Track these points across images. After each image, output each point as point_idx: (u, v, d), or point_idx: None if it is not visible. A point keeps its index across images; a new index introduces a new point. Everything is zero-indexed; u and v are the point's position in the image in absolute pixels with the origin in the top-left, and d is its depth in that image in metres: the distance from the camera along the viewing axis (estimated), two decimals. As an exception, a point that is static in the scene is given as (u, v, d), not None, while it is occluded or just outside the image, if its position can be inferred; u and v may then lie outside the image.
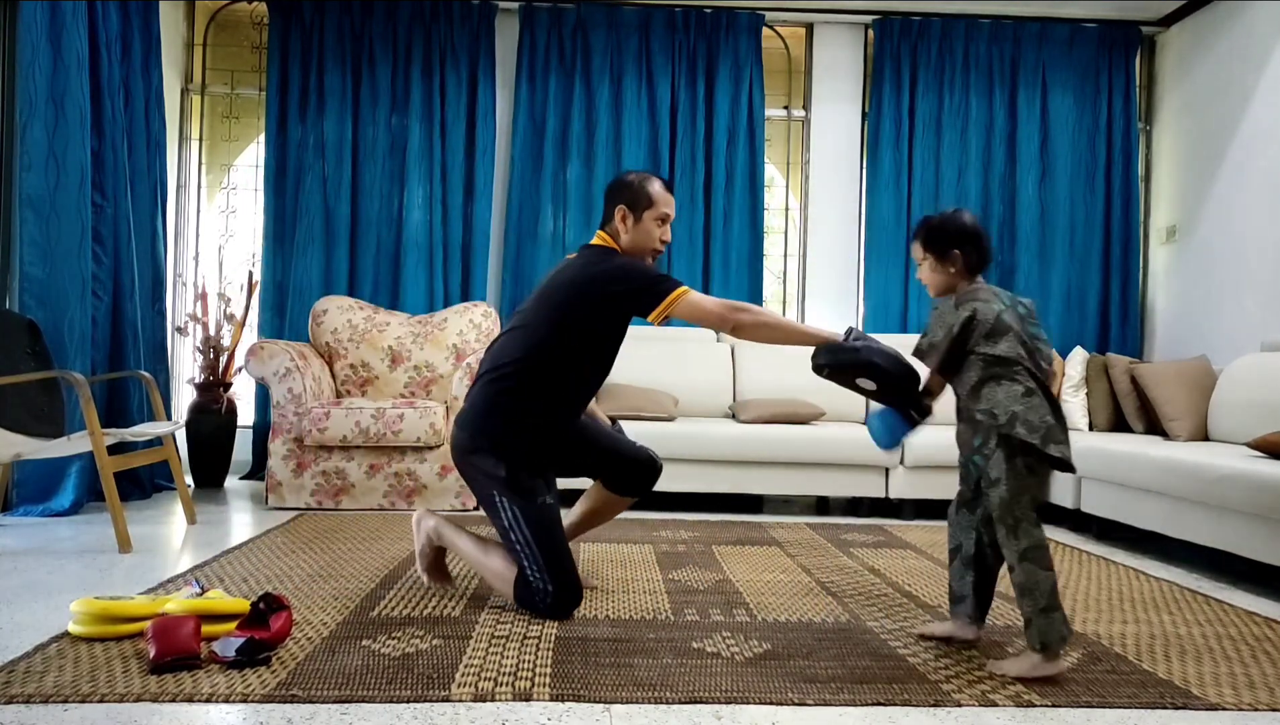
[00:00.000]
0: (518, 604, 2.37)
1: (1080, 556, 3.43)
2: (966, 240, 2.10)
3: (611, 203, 2.49)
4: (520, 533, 2.33)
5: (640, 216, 2.46)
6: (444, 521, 2.55)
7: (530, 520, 2.33)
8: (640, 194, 2.46)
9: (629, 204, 2.46)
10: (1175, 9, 5.05)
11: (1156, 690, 1.92)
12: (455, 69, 5.07)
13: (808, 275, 5.35)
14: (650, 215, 2.46)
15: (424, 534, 2.57)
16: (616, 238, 2.49)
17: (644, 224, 2.46)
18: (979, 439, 2.05)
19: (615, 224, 2.48)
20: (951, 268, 2.11)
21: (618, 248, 2.49)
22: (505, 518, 2.35)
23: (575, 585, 2.35)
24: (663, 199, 2.48)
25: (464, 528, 2.55)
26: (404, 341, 4.63)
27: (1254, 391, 3.79)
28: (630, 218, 2.46)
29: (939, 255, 2.12)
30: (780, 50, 5.41)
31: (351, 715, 1.67)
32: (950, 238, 2.10)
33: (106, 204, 3.99)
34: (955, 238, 2.10)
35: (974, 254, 2.10)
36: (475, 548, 2.48)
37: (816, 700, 1.81)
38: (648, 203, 2.46)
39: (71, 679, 1.79)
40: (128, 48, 4.20)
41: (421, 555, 2.58)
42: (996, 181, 5.21)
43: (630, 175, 2.51)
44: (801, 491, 4.23)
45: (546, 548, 2.32)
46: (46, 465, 3.67)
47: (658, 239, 2.48)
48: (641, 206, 2.46)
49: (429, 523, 2.56)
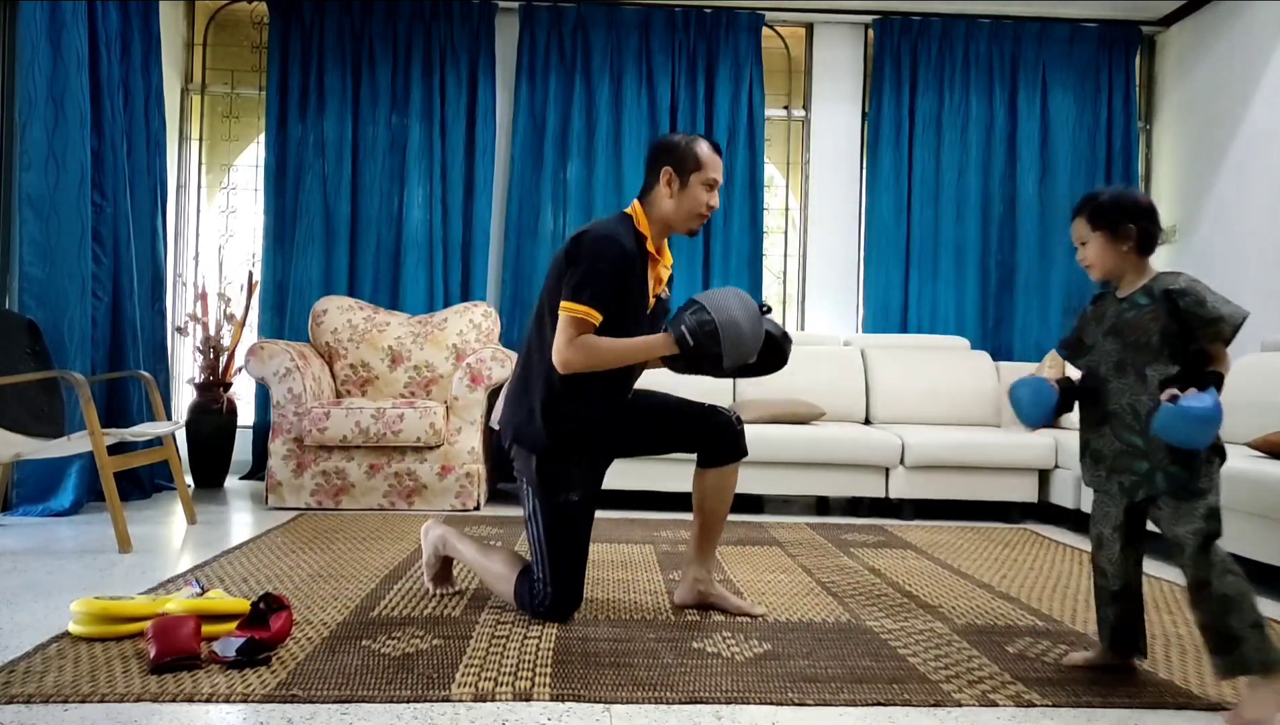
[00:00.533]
0: (516, 603, 2.34)
1: (1080, 556, 3.43)
2: (1142, 214, 1.91)
3: (656, 165, 2.33)
4: (536, 526, 2.29)
5: (687, 180, 2.31)
6: (450, 530, 2.52)
7: (548, 515, 2.27)
8: (688, 156, 2.30)
9: (676, 166, 2.30)
10: (1175, 9, 5.05)
11: (1156, 690, 1.92)
12: (455, 68, 5.07)
13: (808, 275, 5.35)
14: (698, 178, 2.31)
15: (431, 544, 2.54)
16: (655, 205, 2.34)
17: (691, 189, 2.31)
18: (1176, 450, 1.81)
19: (659, 188, 2.32)
20: (1125, 245, 1.92)
21: (645, 218, 2.34)
22: (527, 508, 2.32)
23: (576, 590, 2.31)
24: (711, 162, 2.32)
25: (467, 534, 2.53)
26: (404, 341, 4.63)
27: (1254, 391, 3.79)
28: (676, 181, 2.31)
29: (1110, 231, 1.92)
30: (780, 50, 5.41)
31: (351, 715, 1.67)
32: (1125, 211, 1.92)
33: (106, 204, 3.99)
34: (1130, 211, 1.92)
35: (1151, 230, 1.91)
36: (478, 552, 2.45)
37: (816, 700, 1.81)
38: (695, 165, 2.30)
39: (71, 679, 1.79)
40: (127, 47, 4.20)
41: (429, 565, 2.56)
42: (996, 181, 5.21)
43: (677, 136, 2.35)
44: (801, 491, 4.23)
45: (558, 547, 2.27)
46: (46, 465, 3.67)
47: (705, 204, 2.33)
48: (689, 169, 2.30)
49: (436, 532, 2.53)
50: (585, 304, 2.19)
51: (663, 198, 2.33)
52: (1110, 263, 1.95)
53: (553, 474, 2.29)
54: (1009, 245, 5.22)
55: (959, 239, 5.17)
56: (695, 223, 2.36)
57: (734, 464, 2.40)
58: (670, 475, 4.12)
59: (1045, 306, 5.19)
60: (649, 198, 2.36)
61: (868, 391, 4.81)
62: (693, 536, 2.47)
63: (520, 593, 2.32)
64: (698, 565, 2.47)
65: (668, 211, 2.34)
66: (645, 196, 2.37)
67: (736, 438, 2.38)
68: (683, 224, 2.36)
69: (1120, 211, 1.92)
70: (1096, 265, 1.97)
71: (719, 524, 2.45)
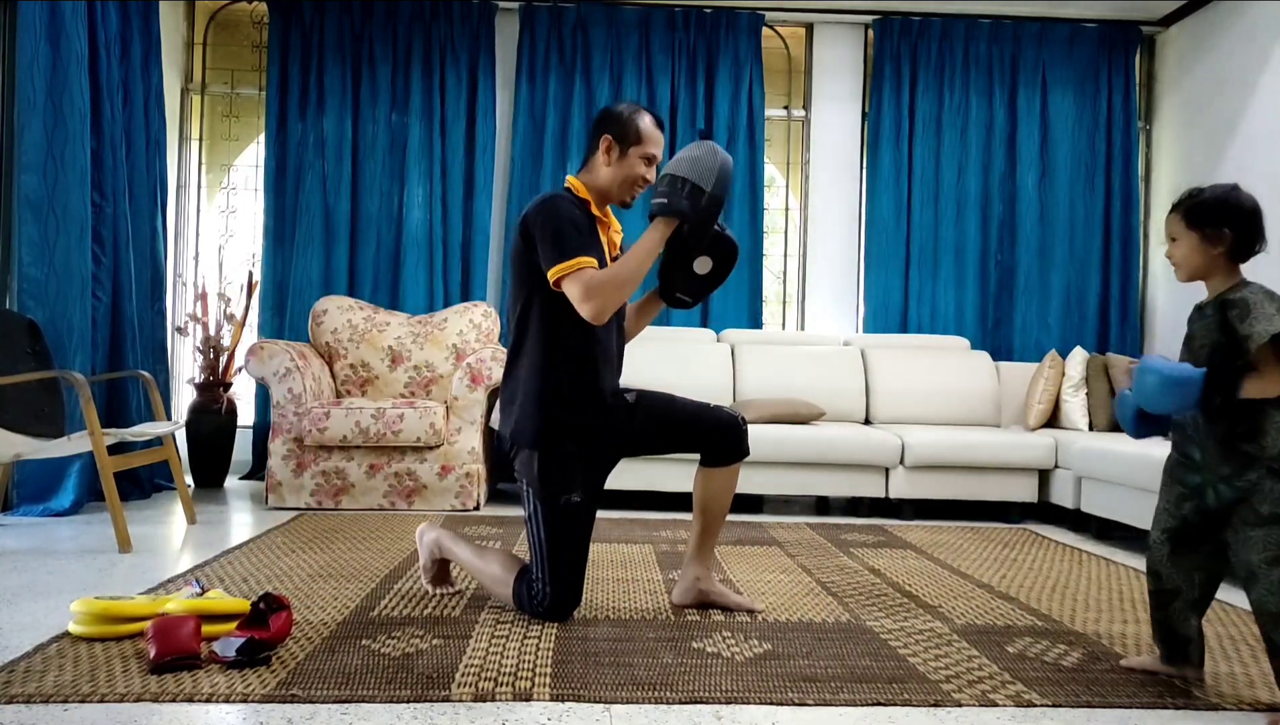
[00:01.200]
0: (514, 603, 2.34)
1: (1080, 556, 3.43)
2: (1242, 219, 1.83)
3: (597, 133, 2.34)
4: (537, 526, 2.28)
5: (626, 151, 2.32)
6: (445, 533, 2.52)
7: (548, 516, 2.26)
8: (629, 127, 2.31)
9: (617, 136, 2.32)
10: (1175, 9, 5.05)
11: (1156, 690, 1.92)
12: (455, 68, 5.07)
13: (808, 275, 5.35)
14: (637, 151, 2.32)
15: (426, 548, 2.54)
16: (593, 172, 2.36)
17: (629, 159, 2.32)
18: (1230, 468, 1.80)
19: (598, 156, 2.34)
20: (1217, 249, 1.84)
21: (583, 187, 2.35)
22: (527, 508, 2.31)
23: (574, 591, 2.30)
24: (652, 136, 2.33)
25: (463, 536, 2.52)
26: (404, 341, 4.63)
27: (1254, 391, 3.78)
28: (616, 150, 2.32)
29: (1204, 232, 1.85)
30: (780, 50, 5.41)
31: (351, 715, 1.67)
32: (1225, 213, 1.83)
33: (106, 204, 3.99)
34: (1231, 214, 1.83)
35: (1248, 237, 1.84)
36: (473, 554, 2.44)
37: (816, 700, 1.81)
38: (636, 137, 2.31)
39: (71, 679, 1.79)
40: (127, 47, 4.20)
41: (425, 569, 2.56)
42: (996, 181, 5.21)
43: (621, 106, 2.37)
44: (801, 491, 4.23)
45: (558, 547, 2.26)
46: (46, 465, 3.67)
47: (641, 176, 2.34)
48: (630, 141, 2.31)
49: (430, 535, 2.53)
50: (574, 256, 2.18)
51: (600, 166, 2.35)
52: (1197, 266, 1.88)
53: (554, 474, 2.27)
54: (1009, 245, 5.22)
55: (959, 239, 5.17)
56: (630, 194, 2.37)
57: (737, 464, 2.41)
58: (670, 475, 4.12)
59: (1045, 306, 5.19)
60: (588, 166, 2.38)
61: (868, 391, 4.81)
62: (693, 536, 2.47)
63: (519, 593, 2.32)
64: (697, 564, 2.48)
65: (604, 180, 2.35)
66: (584, 167, 2.39)
67: (740, 437, 2.39)
68: (618, 194, 2.37)
69: (1219, 212, 1.84)
70: (1182, 266, 1.90)
71: (719, 523, 2.46)
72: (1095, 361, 4.46)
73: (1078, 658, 2.13)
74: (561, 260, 2.17)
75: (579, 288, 2.16)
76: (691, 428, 2.38)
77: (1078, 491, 3.99)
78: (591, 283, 2.16)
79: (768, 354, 4.84)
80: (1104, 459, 3.70)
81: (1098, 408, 4.42)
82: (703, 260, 2.37)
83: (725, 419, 2.38)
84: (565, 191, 2.36)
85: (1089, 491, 3.88)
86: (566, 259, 2.17)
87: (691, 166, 2.22)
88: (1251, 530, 1.76)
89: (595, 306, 2.17)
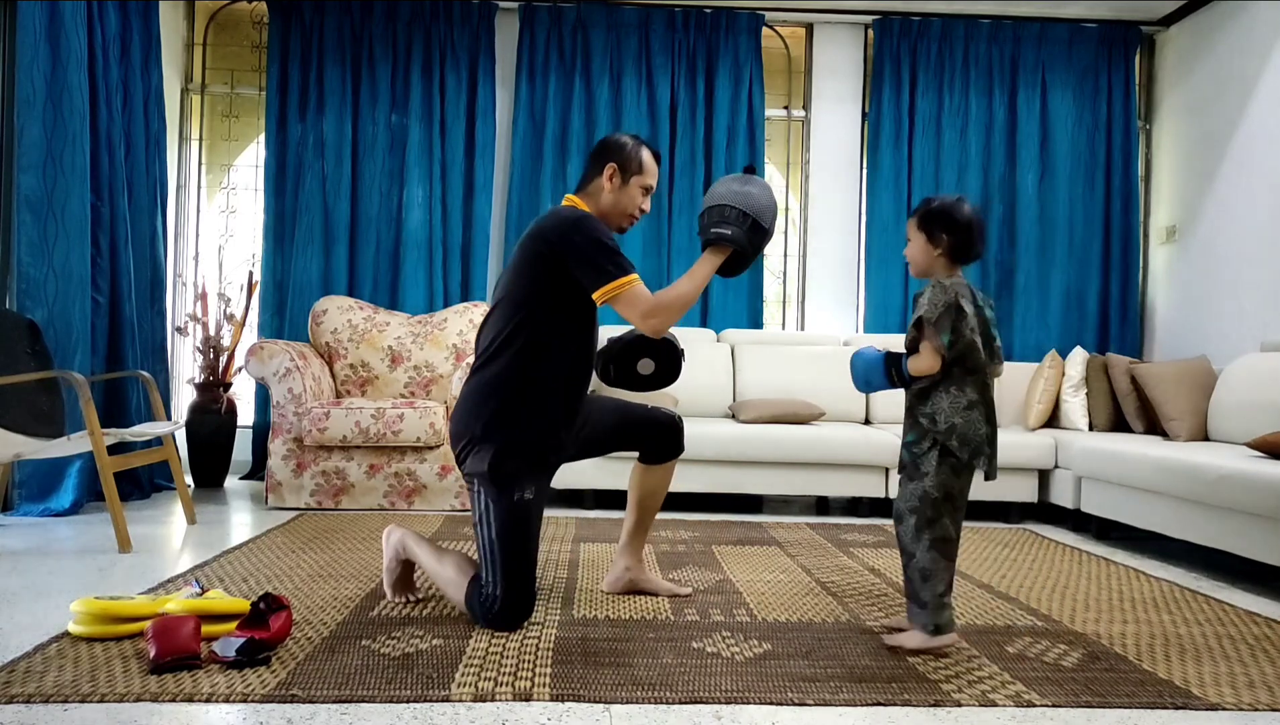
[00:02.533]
0: (467, 610, 2.27)
1: (1080, 556, 3.43)
2: (957, 228, 2.14)
3: (600, 160, 2.41)
4: (486, 528, 2.22)
5: (628, 180, 2.40)
6: (408, 533, 2.46)
7: (502, 514, 2.21)
8: (633, 158, 2.41)
9: (621, 165, 2.39)
10: (1175, 9, 5.05)
11: (1156, 690, 1.92)
12: (455, 68, 5.07)
13: (808, 275, 5.35)
14: (638, 181, 2.41)
15: (391, 548, 2.48)
16: (594, 197, 2.41)
17: (630, 189, 2.40)
18: (913, 436, 2.16)
19: (600, 181, 2.40)
20: (936, 250, 2.16)
21: (588, 209, 2.39)
22: (478, 510, 2.25)
23: (527, 595, 2.24)
24: (651, 170, 2.44)
25: (425, 539, 2.46)
26: (404, 341, 4.63)
27: (1254, 391, 3.79)
28: (619, 178, 2.39)
29: (928, 236, 2.17)
30: (780, 50, 5.41)
31: (351, 715, 1.67)
32: (943, 222, 2.15)
33: (105, 204, 3.99)
34: (947, 223, 2.15)
35: (962, 244, 2.15)
36: (432, 557, 2.38)
37: (816, 700, 1.81)
38: (638, 168, 2.41)
39: (71, 679, 1.79)
40: (127, 47, 4.20)
41: (389, 570, 2.49)
42: (996, 181, 5.21)
43: (624, 137, 2.45)
44: (801, 491, 4.23)
45: (508, 548, 2.20)
46: (46, 465, 3.67)
47: (638, 206, 2.43)
48: (632, 171, 2.40)
49: (396, 535, 2.47)
50: (623, 275, 2.24)
51: (604, 191, 2.41)
52: (922, 264, 2.20)
53: (508, 472, 2.23)
54: (1009, 245, 5.22)
55: (959, 239, 5.16)
56: (627, 222, 2.45)
57: (673, 461, 2.57)
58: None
59: (1045, 306, 5.19)
60: (588, 189, 2.43)
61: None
62: (627, 527, 2.61)
63: (470, 599, 2.25)
64: (629, 555, 2.63)
65: (606, 205, 2.41)
66: (584, 189, 2.45)
67: (678, 436, 2.55)
68: (615, 220, 2.43)
69: (939, 220, 2.16)
70: (912, 262, 2.23)
71: (653, 516, 2.63)
72: (1095, 361, 4.47)
73: (1078, 658, 2.14)
74: (613, 278, 2.24)
75: (642, 306, 2.25)
76: (634, 428, 2.53)
77: (1078, 491, 3.99)
78: (659, 302, 2.27)
79: (768, 354, 4.84)
80: (1104, 459, 3.70)
81: (1098, 408, 4.42)
82: (645, 362, 2.53)
83: (664, 419, 2.53)
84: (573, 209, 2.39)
85: (1089, 491, 3.88)
86: (617, 277, 2.24)
87: (750, 202, 2.32)
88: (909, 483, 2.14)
89: (659, 322, 2.27)
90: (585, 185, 2.45)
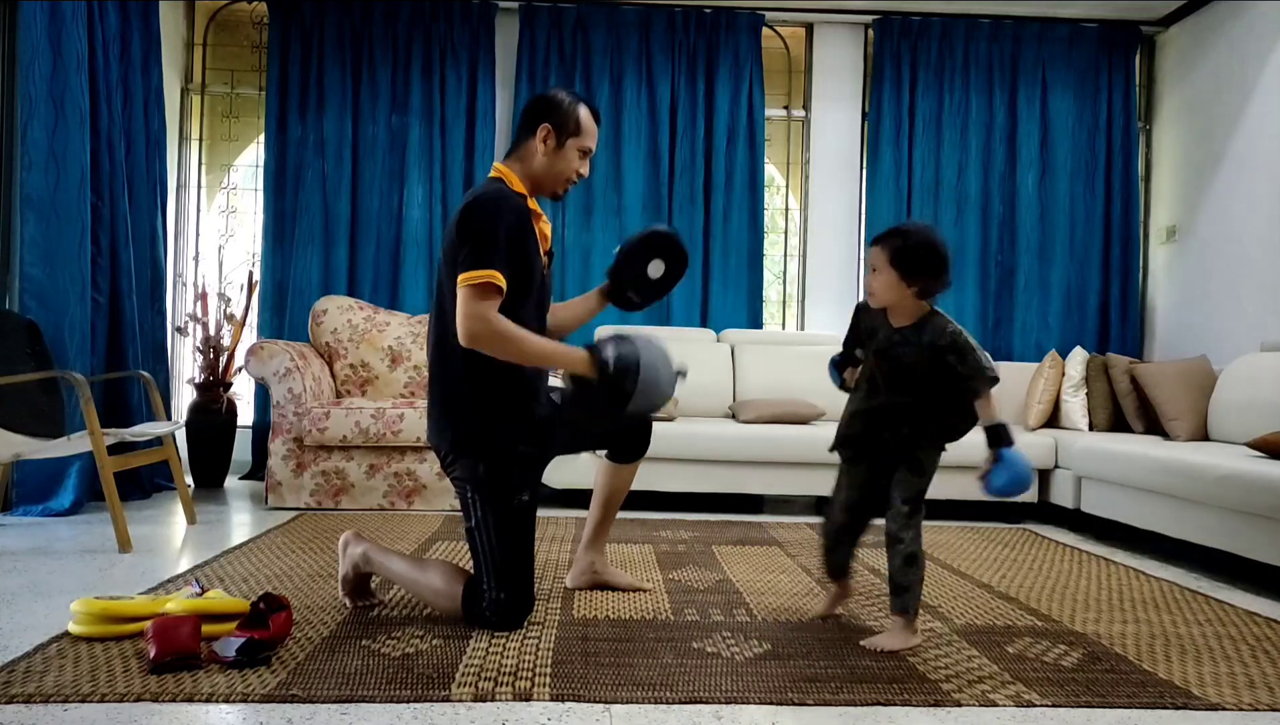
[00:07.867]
0: (465, 618, 2.22)
1: (1080, 556, 3.43)
2: (941, 270, 2.08)
3: (533, 120, 2.26)
4: (485, 535, 2.19)
5: (564, 142, 2.26)
6: (372, 546, 2.35)
7: (500, 520, 2.18)
8: (569, 117, 2.26)
9: (556, 126, 2.25)
10: (1175, 9, 5.05)
11: (1156, 690, 1.92)
12: (455, 68, 5.07)
13: (808, 275, 5.35)
14: (575, 143, 2.27)
15: (350, 561, 2.37)
16: (525, 161, 2.27)
17: (566, 151, 2.26)
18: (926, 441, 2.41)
19: (533, 143, 2.25)
20: (912, 289, 2.09)
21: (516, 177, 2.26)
22: (473, 517, 2.21)
23: (527, 594, 2.23)
24: (591, 131, 2.29)
25: (393, 550, 2.41)
26: (404, 341, 4.63)
27: (1254, 391, 3.79)
28: (554, 139, 2.25)
29: (905, 273, 2.08)
30: (780, 50, 5.41)
31: (351, 715, 1.67)
32: (924, 264, 2.07)
33: (105, 204, 3.99)
34: (930, 266, 2.07)
35: (939, 286, 2.10)
36: (410, 567, 2.31)
37: (816, 700, 1.81)
38: (575, 129, 2.26)
39: (71, 679, 1.79)
40: (127, 47, 4.20)
41: (345, 581, 2.39)
42: (996, 181, 5.21)
43: (560, 93, 2.29)
44: (801, 491, 4.23)
45: (508, 551, 2.19)
46: (46, 465, 3.67)
47: (575, 170, 2.29)
48: (569, 131, 2.26)
49: (356, 549, 2.36)
50: (485, 268, 2.08)
51: (536, 155, 2.27)
52: (893, 301, 2.13)
53: (502, 477, 2.21)
54: (1009, 245, 5.22)
55: (959, 239, 5.17)
56: (561, 188, 2.32)
57: (639, 461, 2.58)
58: (670, 475, 4.12)
59: (1045, 306, 5.20)
60: (520, 153, 2.29)
61: (868, 391, 4.80)
62: (591, 524, 2.62)
63: (469, 605, 2.21)
64: (593, 550, 2.65)
65: (539, 170, 2.28)
66: (515, 153, 2.30)
67: (647, 436, 2.56)
68: (550, 186, 2.31)
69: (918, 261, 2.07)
70: (875, 294, 2.14)
71: (615, 513, 2.64)
72: (1095, 361, 4.46)
73: (1078, 658, 2.14)
74: (475, 267, 2.09)
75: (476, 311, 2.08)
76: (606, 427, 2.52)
77: (1078, 491, 3.99)
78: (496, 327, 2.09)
79: (768, 354, 4.84)
80: (1104, 459, 3.70)
81: (1098, 408, 4.42)
82: (656, 263, 2.46)
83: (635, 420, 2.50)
84: (500, 182, 2.26)
85: (1089, 491, 3.88)
86: (479, 268, 2.09)
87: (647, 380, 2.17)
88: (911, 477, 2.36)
89: (473, 337, 2.10)
90: (516, 148, 2.30)
